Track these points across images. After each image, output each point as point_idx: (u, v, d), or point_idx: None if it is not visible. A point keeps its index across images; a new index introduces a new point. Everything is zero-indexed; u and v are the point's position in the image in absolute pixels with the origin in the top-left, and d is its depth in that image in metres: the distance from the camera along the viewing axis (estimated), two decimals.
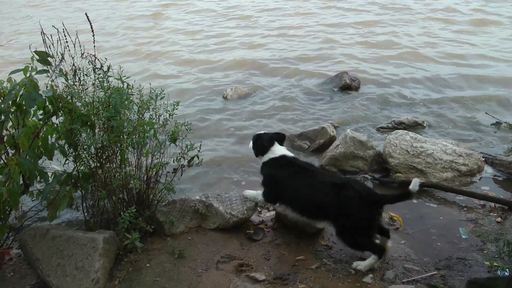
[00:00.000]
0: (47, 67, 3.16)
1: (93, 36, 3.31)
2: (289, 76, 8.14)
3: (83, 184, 3.45)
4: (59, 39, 3.25)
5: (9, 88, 2.97)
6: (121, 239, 3.30)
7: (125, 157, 3.46)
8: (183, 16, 13.74)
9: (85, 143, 3.25)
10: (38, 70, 3.09)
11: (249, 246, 3.54)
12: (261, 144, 3.73)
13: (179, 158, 3.58)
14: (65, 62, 3.25)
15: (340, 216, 3.22)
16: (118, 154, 3.42)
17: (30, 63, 3.06)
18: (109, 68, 3.35)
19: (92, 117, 3.30)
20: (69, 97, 3.25)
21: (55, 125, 3.27)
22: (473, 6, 12.43)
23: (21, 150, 3.08)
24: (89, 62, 3.32)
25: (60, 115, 3.25)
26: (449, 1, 13.15)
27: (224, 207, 3.72)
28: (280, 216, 3.82)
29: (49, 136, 3.23)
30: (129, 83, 3.41)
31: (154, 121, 3.45)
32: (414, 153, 4.75)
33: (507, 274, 3.07)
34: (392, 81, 7.72)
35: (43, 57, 3.12)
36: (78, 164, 3.41)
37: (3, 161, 3.05)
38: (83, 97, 3.31)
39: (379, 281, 3.09)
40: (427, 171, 4.65)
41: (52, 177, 3.31)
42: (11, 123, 3.12)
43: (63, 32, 3.25)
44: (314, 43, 10.05)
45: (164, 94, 3.48)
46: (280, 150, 3.70)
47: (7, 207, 3.12)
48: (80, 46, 3.32)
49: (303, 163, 3.65)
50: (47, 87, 3.15)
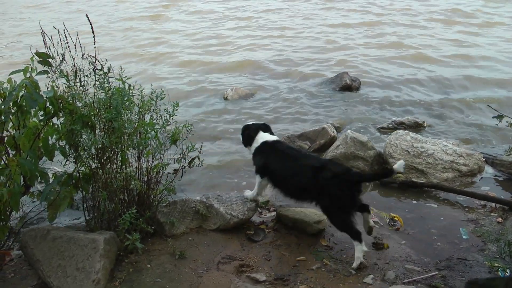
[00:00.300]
0: (47, 68, 3.16)
1: (93, 37, 3.31)
2: (289, 77, 8.13)
3: (84, 185, 3.45)
4: (59, 40, 3.25)
5: (9, 89, 2.97)
6: (121, 240, 3.30)
7: (126, 158, 3.46)
8: (184, 17, 13.75)
9: (86, 144, 3.25)
10: (39, 71, 3.09)
11: (250, 246, 3.54)
12: (248, 135, 3.91)
13: (179, 159, 3.58)
14: (65, 63, 3.25)
15: (321, 196, 3.36)
16: (119, 155, 3.42)
17: (31, 64, 3.06)
18: (109, 69, 3.35)
19: (93, 118, 3.30)
20: (70, 97, 3.25)
21: (56, 125, 3.27)
22: (476, 7, 12.38)
23: (22, 151, 3.08)
24: (89, 63, 3.32)
25: (60, 116, 3.25)
26: (451, 1, 13.14)
27: (225, 208, 3.73)
28: (281, 217, 3.82)
29: (49, 136, 3.24)
30: (130, 84, 3.41)
31: (154, 121, 3.45)
32: (415, 154, 4.75)
33: (507, 274, 3.07)
34: (392, 81, 7.71)
35: (43, 58, 3.12)
36: (78, 164, 3.41)
37: (4, 162, 3.05)
38: (84, 98, 3.32)
39: (380, 281, 3.09)
40: (427, 171, 4.65)
41: (53, 177, 3.31)
42: (11, 123, 3.12)
43: (64, 33, 3.25)
44: (315, 44, 10.04)
45: (164, 94, 3.48)
46: (262, 137, 3.81)
47: (7, 208, 3.12)
48: (81, 47, 3.33)
49: (284, 147, 3.75)
50: (47, 87, 3.15)
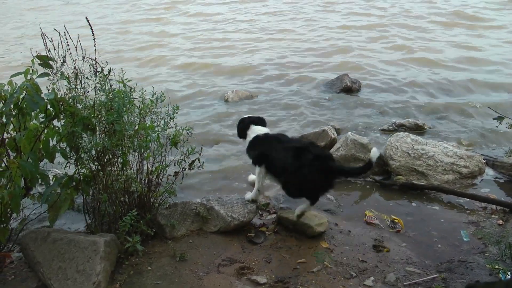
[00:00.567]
0: (48, 70, 3.16)
1: (93, 40, 3.32)
2: (290, 79, 8.13)
3: (84, 187, 3.45)
4: (60, 42, 3.26)
5: (10, 91, 2.97)
6: (122, 242, 3.29)
7: (127, 160, 3.46)
8: (184, 19, 13.78)
9: (87, 146, 3.26)
10: (40, 73, 3.09)
11: (250, 249, 3.54)
12: (241, 128, 4.20)
13: (180, 161, 3.58)
14: (66, 65, 3.26)
15: (294, 174, 3.55)
16: (120, 157, 3.42)
17: (32, 66, 3.06)
18: (109, 71, 3.36)
19: (93, 120, 3.30)
20: (70, 100, 3.26)
21: (57, 128, 3.27)
22: (479, 9, 12.36)
23: (22, 153, 3.09)
24: (90, 66, 3.33)
25: (61, 118, 3.26)
26: (452, 4, 13.14)
27: (225, 210, 3.72)
28: (281, 219, 3.82)
29: (50, 139, 3.24)
30: (131, 87, 3.42)
31: (155, 124, 3.45)
32: (415, 156, 4.75)
33: (508, 277, 3.06)
34: (393, 83, 7.71)
35: (44, 60, 3.13)
36: (79, 167, 3.42)
37: (4, 164, 3.05)
38: (84, 100, 3.32)
39: (380, 284, 3.08)
40: (428, 173, 4.65)
41: (54, 180, 3.31)
42: (12, 125, 3.13)
43: (65, 35, 3.26)
44: (315, 46, 10.04)
45: (165, 97, 3.49)
46: (254, 131, 4.05)
47: (8, 210, 3.12)
48: (81, 49, 3.33)
49: (273, 135, 4.02)
50: (48, 90, 3.15)
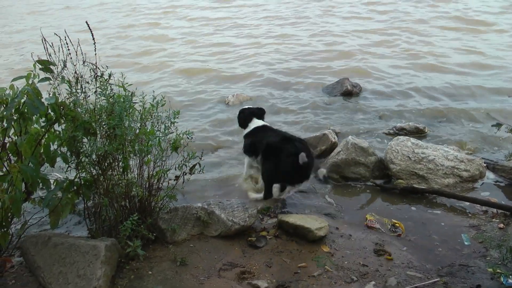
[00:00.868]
0: (49, 75, 3.17)
1: (94, 44, 3.33)
2: (290, 83, 8.14)
3: (85, 191, 3.45)
4: (61, 47, 3.27)
5: (11, 96, 2.98)
6: (123, 246, 3.29)
7: (128, 164, 3.46)
8: (184, 24, 13.82)
9: (87, 151, 3.26)
10: (41, 78, 3.10)
11: (251, 253, 3.53)
12: (242, 118, 4.70)
13: (181, 165, 3.58)
14: (67, 69, 3.27)
15: (277, 160, 4.04)
16: (120, 162, 3.43)
17: (33, 71, 3.07)
18: (110, 76, 3.37)
19: (94, 124, 3.31)
20: (71, 104, 3.27)
21: (58, 132, 3.28)
22: (481, 15, 12.35)
23: (23, 157, 3.09)
24: (90, 70, 3.34)
25: (62, 122, 3.26)
26: (454, 8, 13.15)
27: (226, 214, 3.72)
28: (282, 223, 3.82)
29: (51, 143, 3.24)
30: (131, 91, 3.43)
31: (156, 129, 3.46)
32: (416, 159, 4.75)
33: (510, 281, 3.06)
34: (393, 87, 7.71)
35: (45, 65, 3.14)
36: (80, 171, 3.42)
37: (5, 168, 3.06)
38: (85, 105, 3.33)
39: None
40: (428, 177, 4.65)
41: (54, 184, 3.31)
42: (13, 130, 3.13)
43: (65, 40, 3.27)
44: (316, 50, 10.07)
45: (165, 101, 3.49)
46: (254, 123, 4.60)
47: (9, 214, 3.12)
48: (82, 53, 3.34)
49: (267, 127, 4.53)
50: (49, 94, 3.16)
